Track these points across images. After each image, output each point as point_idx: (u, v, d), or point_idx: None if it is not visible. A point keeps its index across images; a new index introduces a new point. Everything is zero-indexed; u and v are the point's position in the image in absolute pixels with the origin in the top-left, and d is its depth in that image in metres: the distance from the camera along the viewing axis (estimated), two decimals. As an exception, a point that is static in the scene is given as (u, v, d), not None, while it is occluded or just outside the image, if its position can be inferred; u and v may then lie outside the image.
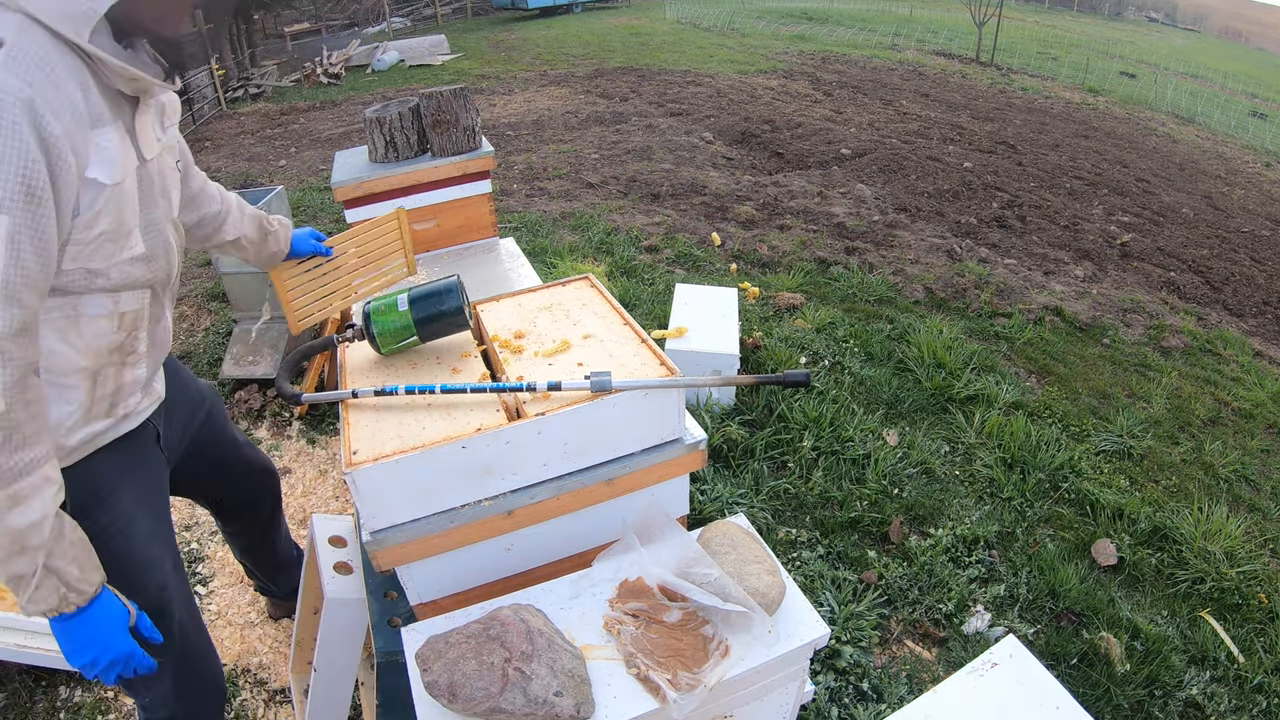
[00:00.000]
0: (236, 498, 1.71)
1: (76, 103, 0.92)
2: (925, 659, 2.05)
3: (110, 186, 0.97)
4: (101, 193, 0.96)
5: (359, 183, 2.32)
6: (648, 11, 21.86)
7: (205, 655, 1.37)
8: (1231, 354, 4.23)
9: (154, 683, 1.27)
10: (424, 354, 1.43)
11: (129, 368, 1.14)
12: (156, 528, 1.26)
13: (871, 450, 2.75)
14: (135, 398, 1.19)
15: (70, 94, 0.91)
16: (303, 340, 3.20)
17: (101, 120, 0.96)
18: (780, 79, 11.69)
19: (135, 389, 1.18)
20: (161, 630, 1.19)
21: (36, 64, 0.87)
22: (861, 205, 5.93)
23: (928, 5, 26.59)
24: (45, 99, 0.87)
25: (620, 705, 1.02)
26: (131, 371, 1.15)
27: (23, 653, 1.87)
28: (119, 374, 1.13)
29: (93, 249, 0.99)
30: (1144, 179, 8.56)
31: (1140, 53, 24.09)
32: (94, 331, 1.05)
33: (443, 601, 1.29)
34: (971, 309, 4.19)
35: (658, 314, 3.62)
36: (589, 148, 7.31)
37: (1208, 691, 2.00)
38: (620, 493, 1.30)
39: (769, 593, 1.12)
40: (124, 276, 1.05)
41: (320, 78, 12.85)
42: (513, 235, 4.69)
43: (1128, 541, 2.48)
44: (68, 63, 0.92)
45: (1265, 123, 15.64)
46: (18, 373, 0.90)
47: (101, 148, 0.96)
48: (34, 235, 0.88)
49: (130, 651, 1.08)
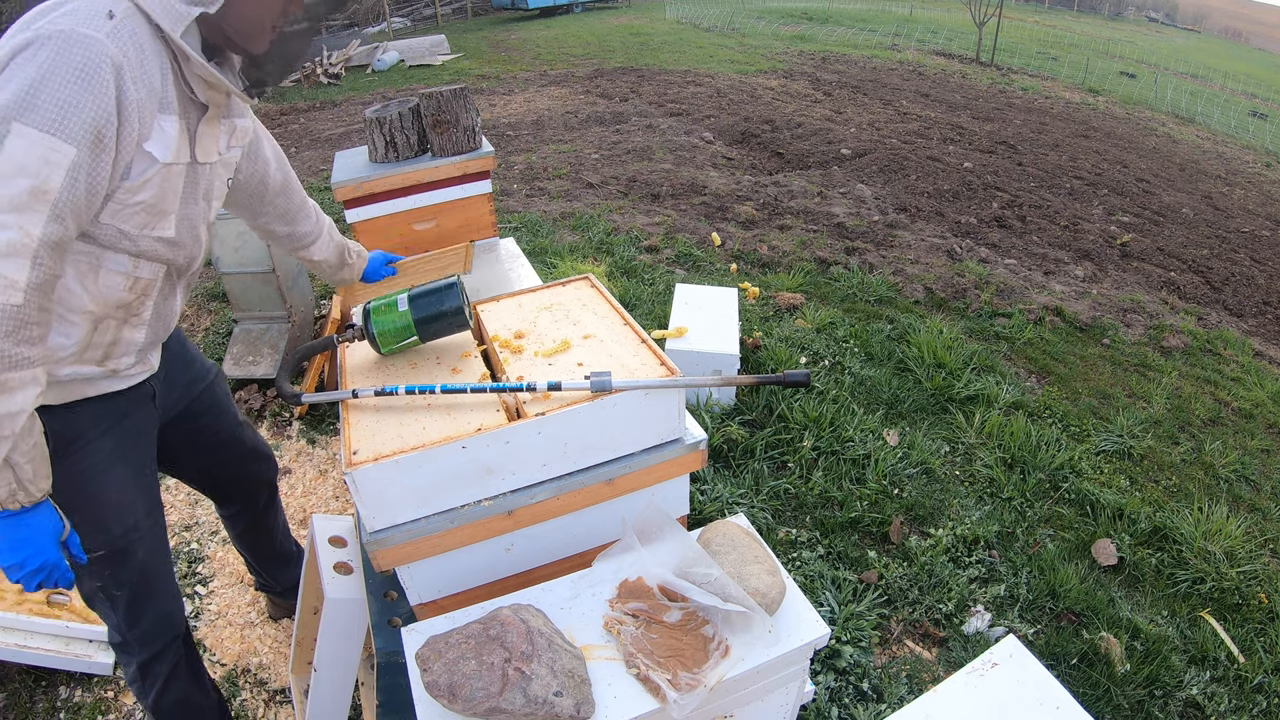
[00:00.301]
0: (230, 476, 1.74)
1: (154, 83, 1.05)
2: (925, 659, 2.05)
3: (161, 165, 1.10)
4: (152, 166, 1.09)
5: (359, 183, 2.32)
6: (648, 11, 21.86)
7: (160, 596, 1.43)
8: (1232, 354, 4.23)
9: (108, 610, 1.39)
10: (424, 354, 1.43)
11: (129, 327, 1.24)
12: (134, 477, 1.35)
13: (872, 450, 2.75)
14: (128, 359, 1.28)
15: (151, 74, 1.05)
16: (303, 340, 3.21)
17: (169, 108, 1.09)
18: (780, 79, 11.69)
19: (130, 350, 1.27)
20: (120, 568, 1.33)
21: (132, 39, 1.02)
22: (861, 205, 5.93)
23: (928, 5, 26.60)
24: (132, 69, 1.01)
25: (620, 705, 1.02)
26: (131, 331, 1.25)
27: (23, 653, 1.87)
28: (119, 329, 1.23)
29: (130, 213, 1.11)
30: (1144, 179, 8.56)
31: (1140, 53, 24.10)
32: (108, 284, 1.15)
33: (443, 601, 1.29)
34: (971, 309, 4.19)
35: (658, 314, 3.62)
36: (589, 148, 7.31)
37: (1208, 691, 2.00)
38: (620, 493, 1.30)
39: (769, 593, 1.12)
40: (149, 248, 1.17)
41: (320, 78, 12.84)
42: (513, 235, 4.69)
43: (1128, 541, 2.48)
44: (157, 49, 1.06)
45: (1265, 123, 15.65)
46: (43, 278, 1.00)
47: (163, 129, 1.09)
48: (90, 173, 1.01)
49: (56, 563, 1.14)
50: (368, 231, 2.39)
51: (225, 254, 2.99)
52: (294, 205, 1.54)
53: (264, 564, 1.98)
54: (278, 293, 3.06)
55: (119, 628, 1.42)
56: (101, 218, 1.09)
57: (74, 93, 0.95)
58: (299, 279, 3.21)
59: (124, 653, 1.46)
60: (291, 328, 3.13)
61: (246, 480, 1.77)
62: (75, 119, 0.96)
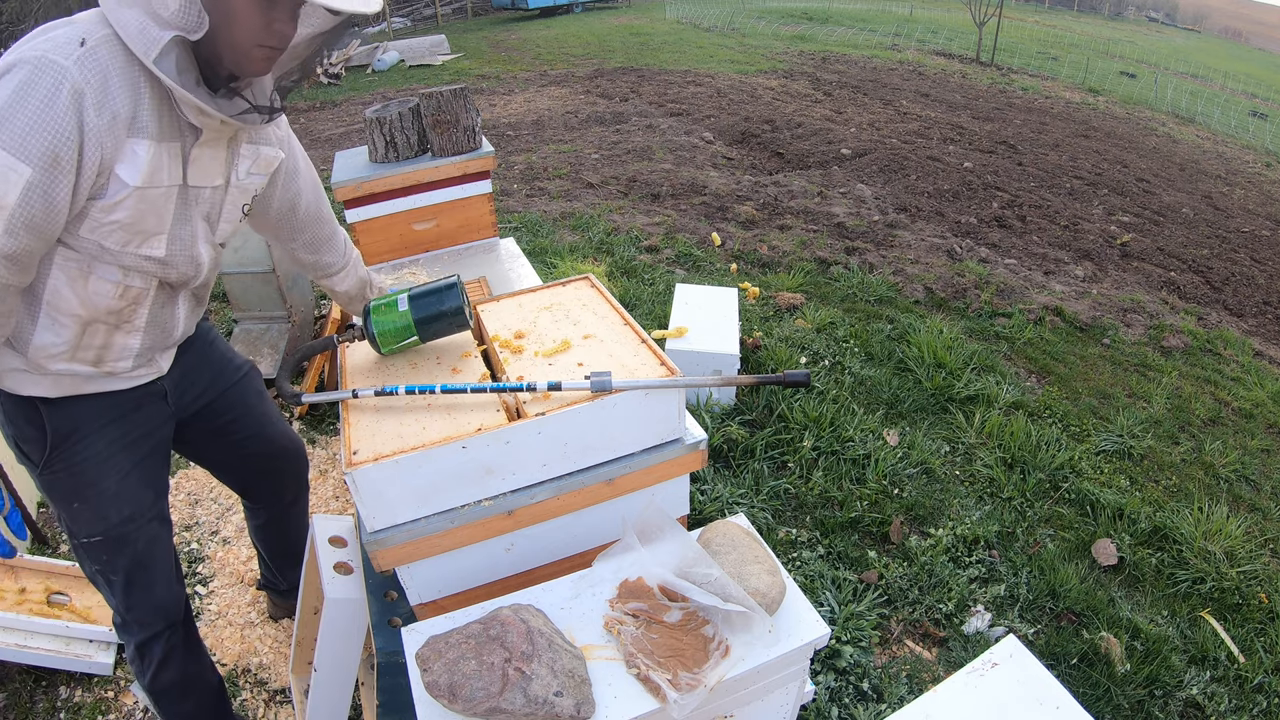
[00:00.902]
0: (254, 472, 1.76)
1: (119, 109, 1.06)
2: (925, 659, 2.05)
3: (133, 188, 1.11)
4: (124, 189, 1.10)
5: (359, 183, 2.32)
6: (648, 11, 21.86)
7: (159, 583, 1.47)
8: (1232, 354, 4.23)
9: (107, 591, 1.45)
10: (424, 354, 1.43)
11: (121, 333, 1.26)
12: (137, 470, 1.39)
13: (872, 450, 2.75)
14: (125, 363, 1.30)
15: (117, 100, 1.06)
16: (303, 340, 3.21)
17: (143, 132, 1.10)
18: (780, 79, 11.69)
19: (125, 355, 1.29)
20: (116, 555, 1.38)
21: (97, 67, 1.03)
22: (861, 205, 5.93)
23: (928, 5, 26.59)
24: (95, 95, 1.03)
25: (620, 705, 1.02)
26: (124, 337, 1.27)
27: (23, 653, 1.87)
28: (109, 334, 1.24)
29: (107, 230, 1.13)
30: (1144, 179, 8.56)
31: (1140, 52, 24.10)
32: (98, 291, 1.18)
33: (443, 601, 1.29)
34: (972, 309, 4.19)
35: (658, 314, 3.62)
36: (589, 148, 7.31)
37: (1208, 691, 2.00)
38: (620, 493, 1.30)
39: (769, 593, 1.12)
40: (135, 264, 1.18)
41: (320, 78, 12.82)
42: (513, 235, 4.69)
43: (1128, 541, 2.48)
44: (131, 76, 1.07)
45: (1265, 123, 15.65)
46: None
47: (134, 153, 1.10)
48: (45, 192, 1.03)
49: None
50: (368, 231, 2.39)
51: (225, 254, 2.98)
52: (323, 235, 1.56)
53: (276, 560, 1.99)
54: (278, 293, 3.06)
55: (117, 609, 1.48)
56: (81, 231, 1.11)
57: (36, 116, 0.99)
58: (299, 279, 3.21)
59: (123, 632, 1.51)
60: (291, 328, 3.13)
61: (271, 478, 1.79)
62: (35, 141, 1.00)
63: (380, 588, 1.40)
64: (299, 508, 1.91)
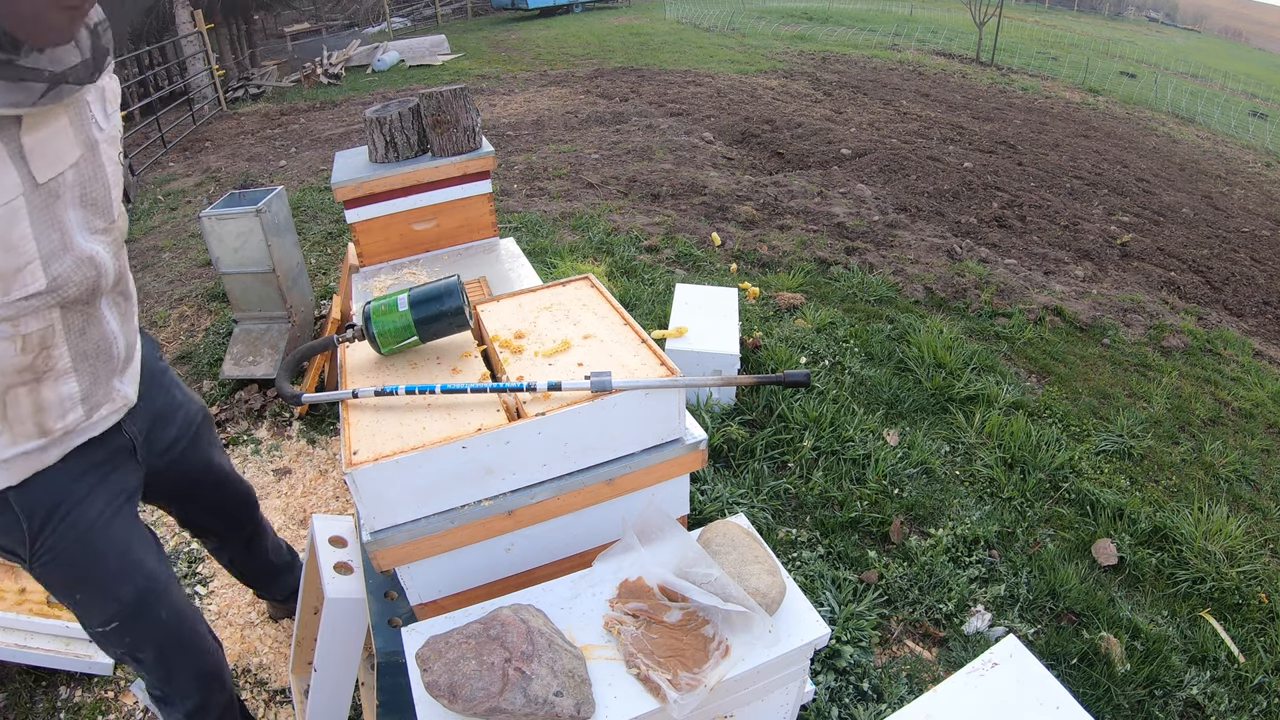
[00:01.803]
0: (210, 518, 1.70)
1: None
2: (925, 659, 2.05)
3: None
4: None
5: (359, 183, 2.32)
6: (648, 11, 21.85)
7: (193, 650, 1.38)
8: (1232, 354, 4.23)
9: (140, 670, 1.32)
10: (424, 354, 1.43)
11: (47, 386, 1.04)
12: (133, 535, 1.26)
13: (872, 450, 2.75)
14: (74, 414, 1.10)
15: None
16: (303, 340, 3.21)
17: None
18: (780, 79, 11.69)
19: (69, 404, 1.08)
20: (141, 629, 1.24)
21: None
22: (861, 205, 5.93)
23: (928, 5, 26.59)
24: None
25: (620, 705, 1.02)
26: (53, 389, 1.05)
27: (23, 653, 1.87)
28: (34, 392, 1.03)
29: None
30: (1144, 179, 8.56)
31: (1140, 52, 24.10)
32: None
33: (443, 601, 1.29)
34: (971, 309, 4.19)
35: (658, 314, 3.62)
36: (589, 148, 7.31)
37: (1208, 691, 2.00)
38: (620, 493, 1.30)
39: (769, 593, 1.12)
40: (18, 310, 0.94)
41: (320, 78, 12.84)
42: (513, 235, 4.69)
43: (1128, 541, 2.48)
44: None
45: (1265, 123, 15.65)
46: None
47: None
48: None
49: None
50: (367, 231, 2.39)
51: (225, 254, 2.99)
52: None
53: (254, 582, 1.98)
54: (278, 293, 3.06)
55: (158, 683, 1.36)
56: None
57: None
58: (299, 279, 3.21)
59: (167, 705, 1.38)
60: (291, 328, 3.13)
61: (226, 521, 1.73)
62: None
63: (380, 588, 1.40)
64: (258, 537, 1.85)
